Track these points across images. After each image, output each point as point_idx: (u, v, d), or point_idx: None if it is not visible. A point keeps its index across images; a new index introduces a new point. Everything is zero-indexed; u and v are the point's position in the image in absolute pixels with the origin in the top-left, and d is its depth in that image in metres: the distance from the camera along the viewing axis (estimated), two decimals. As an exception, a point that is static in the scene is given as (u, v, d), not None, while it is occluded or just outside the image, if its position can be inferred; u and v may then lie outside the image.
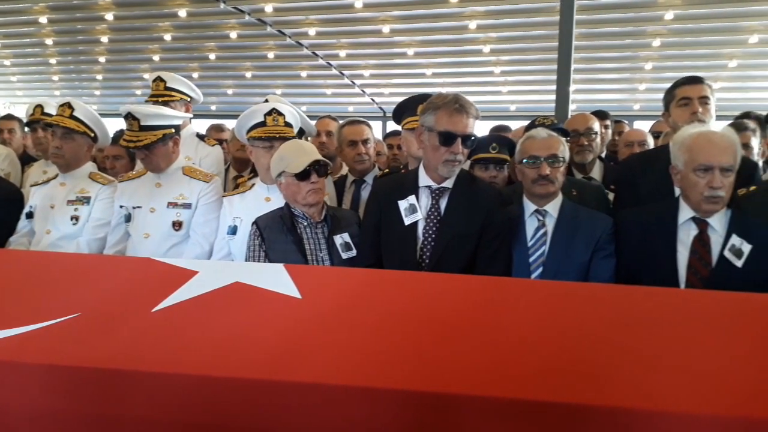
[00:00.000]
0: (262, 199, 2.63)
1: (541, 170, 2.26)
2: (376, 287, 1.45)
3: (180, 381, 1.16)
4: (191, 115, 3.52)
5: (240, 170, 3.97)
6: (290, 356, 1.19)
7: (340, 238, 2.36)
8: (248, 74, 10.78)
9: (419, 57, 9.26)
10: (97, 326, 1.30)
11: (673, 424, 1.00)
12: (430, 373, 1.14)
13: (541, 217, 2.30)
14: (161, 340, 1.26)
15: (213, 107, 12.74)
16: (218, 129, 4.73)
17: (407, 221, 2.20)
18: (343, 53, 9.40)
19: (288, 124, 2.64)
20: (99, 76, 11.73)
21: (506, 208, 2.30)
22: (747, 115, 3.74)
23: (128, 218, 2.79)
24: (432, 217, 2.21)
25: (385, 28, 8.15)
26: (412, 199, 2.22)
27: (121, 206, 2.83)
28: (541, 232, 2.29)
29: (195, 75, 10.53)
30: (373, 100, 11.94)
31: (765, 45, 7.77)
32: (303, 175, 2.31)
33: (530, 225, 2.31)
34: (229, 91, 11.86)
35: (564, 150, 2.32)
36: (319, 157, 2.37)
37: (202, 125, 4.91)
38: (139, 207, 2.77)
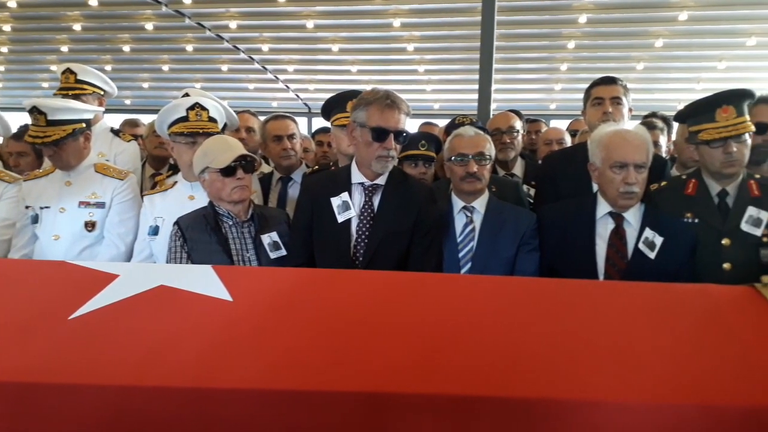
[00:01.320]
0: (185, 197, 2.53)
1: (469, 168, 2.30)
2: (309, 287, 1.42)
3: (102, 393, 1.08)
4: (103, 109, 3.33)
5: (157, 168, 3.82)
6: (222, 362, 1.14)
7: (268, 238, 2.30)
8: (165, 67, 10.36)
9: (344, 53, 9.23)
10: (8, 336, 1.19)
11: (599, 413, 1.03)
12: (367, 373, 1.12)
13: (469, 214, 2.35)
14: (80, 349, 1.17)
15: (127, 101, 12.19)
16: (133, 124, 4.53)
17: (340, 219, 2.18)
18: (265, 47, 9.21)
19: (212, 119, 2.54)
20: (0, 67, 10.92)
21: (438, 204, 2.33)
22: (654, 114, 3.98)
23: (35, 219, 2.61)
24: (365, 214, 2.20)
25: (309, 24, 8.05)
26: (345, 196, 2.20)
27: (27, 206, 2.64)
28: (470, 228, 2.34)
29: (108, 68, 10.01)
30: (297, 95, 11.79)
31: (669, 49, 8.30)
32: (228, 171, 2.23)
33: (459, 221, 2.36)
34: (145, 85, 11.36)
35: (490, 148, 2.38)
36: (245, 152, 2.31)
37: (115, 120, 4.67)
38: (47, 207, 2.59)
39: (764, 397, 0.97)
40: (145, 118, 4.61)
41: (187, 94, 2.72)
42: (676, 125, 3.49)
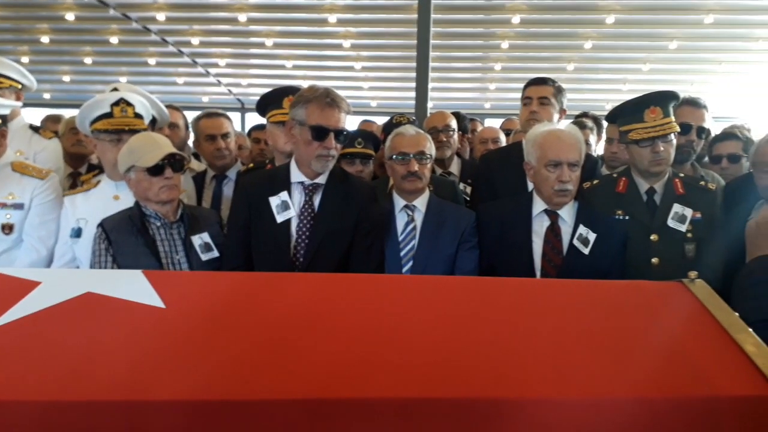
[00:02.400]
0: (109, 197, 2.41)
1: (410, 166, 2.30)
2: (247, 292, 1.36)
3: (24, 409, 1.00)
4: (21, 104, 3.12)
5: (76, 167, 3.63)
6: (155, 373, 1.08)
7: (199, 239, 2.23)
8: (88, 60, 9.89)
9: (278, 48, 9.08)
10: None
11: (540, 410, 1.04)
12: (308, 380, 1.09)
13: (410, 212, 2.35)
14: (0, 363, 1.08)
15: (47, 95, 11.56)
16: (56, 120, 4.28)
17: (279, 219, 2.12)
18: (195, 40, 8.94)
19: (138, 115, 2.43)
20: None
21: (379, 203, 2.31)
22: (585, 114, 4.11)
23: (-55, 222, 2.41)
24: (305, 213, 2.15)
25: (242, 17, 7.87)
26: (284, 195, 2.14)
27: (-65, 209, 2.43)
28: (411, 226, 2.34)
29: (25, 59, 9.44)
30: (230, 90, 11.53)
31: (597, 51, 8.64)
32: (156, 170, 2.15)
33: (400, 220, 2.35)
34: (66, 78, 10.81)
35: (431, 147, 2.39)
36: (174, 150, 2.22)
37: (33, 115, 4.41)
38: (-42, 209, 2.40)
39: (693, 389, 1.00)
40: (68, 114, 4.37)
41: (116, 89, 2.59)
42: (606, 124, 3.62)
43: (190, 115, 3.56)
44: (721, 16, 7.29)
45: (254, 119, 3.15)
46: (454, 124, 3.47)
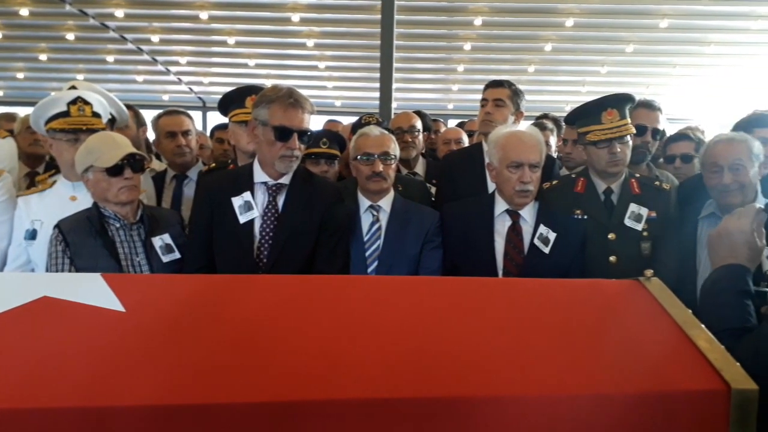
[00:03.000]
0: (66, 198, 2.35)
1: (375, 167, 2.31)
2: (210, 294, 1.34)
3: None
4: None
5: (32, 166, 3.55)
6: (115, 378, 1.05)
7: (160, 240, 2.19)
8: (43, 56, 9.56)
9: (241, 46, 8.97)
10: None
11: (506, 408, 1.05)
12: (273, 382, 1.08)
13: (375, 213, 2.36)
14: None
15: (0, 93, 11.14)
16: (10, 118, 4.16)
17: (242, 219, 2.10)
18: (155, 38, 8.75)
19: (96, 114, 2.38)
20: None
21: (345, 203, 2.31)
22: (545, 116, 4.19)
23: None
24: (269, 214, 2.13)
25: (203, 15, 7.74)
26: (247, 195, 2.12)
27: None
28: (376, 226, 2.35)
29: (-26, 56, 9.11)
30: (191, 89, 11.33)
31: (557, 53, 8.80)
32: (115, 171, 2.10)
33: (365, 220, 2.36)
34: (20, 75, 10.44)
35: (395, 148, 2.40)
36: (134, 149, 2.18)
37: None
38: None
39: (651, 385, 1.03)
40: (22, 112, 4.23)
41: (73, 87, 2.52)
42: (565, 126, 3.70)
43: (151, 114, 3.50)
44: (675, 21, 7.51)
45: (216, 118, 3.11)
46: (419, 124, 3.50)
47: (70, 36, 8.67)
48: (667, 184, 2.55)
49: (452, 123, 6.27)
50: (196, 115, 10.86)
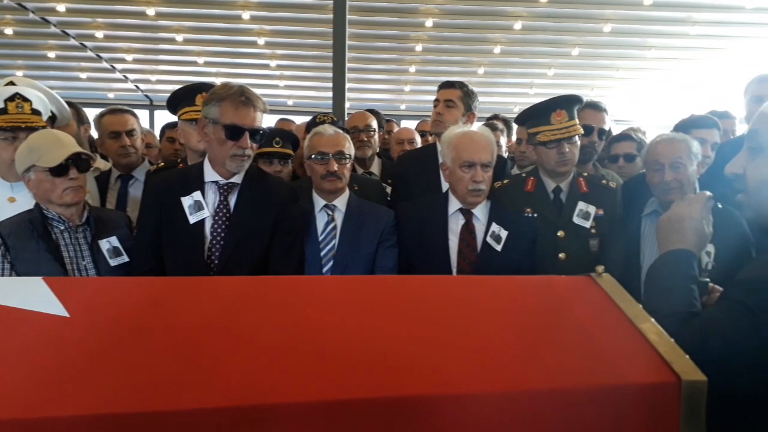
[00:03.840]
0: (3, 200, 2.27)
1: (330, 166, 2.30)
2: (159, 297, 1.30)
3: None
4: None
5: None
6: (60, 387, 1.00)
7: (107, 243, 2.12)
8: (-22, 51, 9.11)
9: (190, 44, 8.76)
10: None
11: (465, 405, 1.06)
12: (229, 387, 1.05)
13: (330, 212, 2.35)
14: None
15: (-72, 89, 10.50)
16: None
17: (192, 219, 2.05)
18: (100, 34, 8.44)
19: (35, 111, 2.29)
20: None
21: (299, 203, 2.29)
22: (496, 117, 4.26)
23: None
24: (220, 214, 2.09)
25: (150, 11, 7.52)
26: (197, 195, 2.07)
27: None
28: (331, 226, 2.34)
29: None
30: (137, 87, 10.99)
31: (506, 55, 8.96)
32: (59, 170, 2.02)
33: (320, 220, 2.35)
34: (-47, 70, 9.89)
35: (350, 147, 2.39)
36: (79, 149, 2.10)
37: None
38: None
39: (604, 378, 1.05)
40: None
41: (12, 83, 2.41)
42: (515, 126, 3.77)
43: (96, 112, 3.38)
44: (618, 26, 7.76)
45: (164, 117, 3.03)
46: (375, 124, 3.50)
47: (9, 31, 8.28)
48: (613, 183, 2.64)
49: (405, 123, 6.31)
50: (144, 114, 10.61)
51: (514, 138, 4.02)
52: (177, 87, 2.68)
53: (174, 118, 2.84)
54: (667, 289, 1.25)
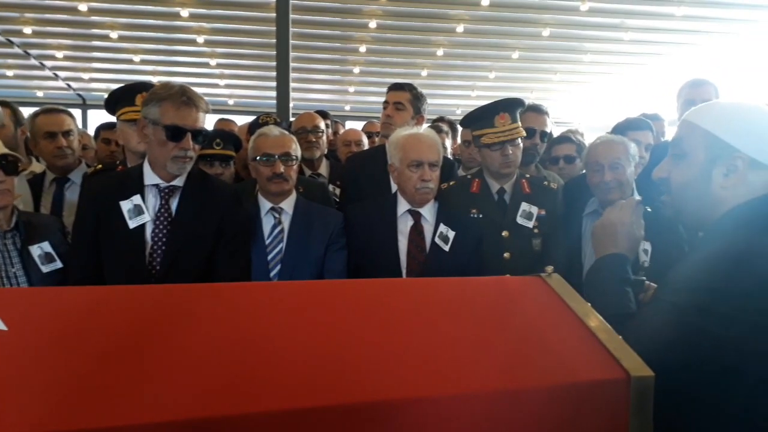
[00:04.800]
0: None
1: (276, 168, 2.26)
2: (101, 307, 1.24)
3: None
4: None
5: None
6: (-8, 405, 0.94)
7: (39, 249, 2.03)
8: None
9: (125, 41, 8.44)
10: None
11: (422, 408, 1.05)
12: (177, 400, 1.01)
13: (277, 215, 2.31)
14: None
15: None
16: None
17: (132, 224, 1.97)
18: (28, 29, 8.03)
19: (-41, 113, 2.14)
20: None
21: (244, 206, 2.23)
22: (441, 119, 4.31)
23: None
24: (162, 218, 2.02)
25: (82, 6, 7.21)
26: (137, 199, 1.99)
27: None
28: (278, 229, 2.29)
29: None
30: (69, 85, 10.52)
31: (449, 58, 9.09)
32: None
33: (267, 223, 2.30)
34: None
35: (296, 148, 2.36)
36: (6, 150, 1.99)
37: None
38: None
39: (557, 376, 1.07)
40: None
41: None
42: (460, 129, 3.82)
43: (25, 112, 3.21)
44: (556, 30, 8.00)
45: (98, 116, 2.90)
46: (322, 125, 3.47)
47: (-74, 25, 7.78)
48: (554, 184, 2.71)
49: (350, 124, 6.29)
50: (76, 113, 10.13)
51: (459, 140, 4.07)
52: (111, 86, 2.60)
53: (111, 118, 2.73)
54: (603, 292, 1.30)
